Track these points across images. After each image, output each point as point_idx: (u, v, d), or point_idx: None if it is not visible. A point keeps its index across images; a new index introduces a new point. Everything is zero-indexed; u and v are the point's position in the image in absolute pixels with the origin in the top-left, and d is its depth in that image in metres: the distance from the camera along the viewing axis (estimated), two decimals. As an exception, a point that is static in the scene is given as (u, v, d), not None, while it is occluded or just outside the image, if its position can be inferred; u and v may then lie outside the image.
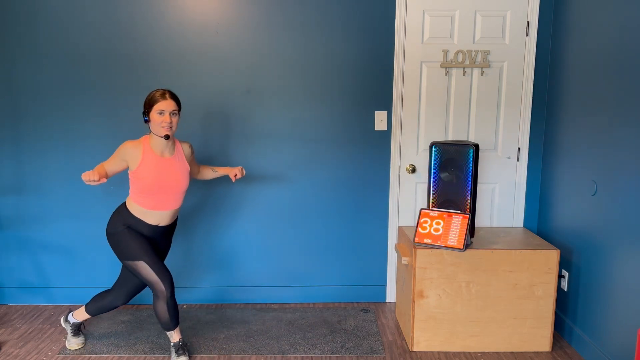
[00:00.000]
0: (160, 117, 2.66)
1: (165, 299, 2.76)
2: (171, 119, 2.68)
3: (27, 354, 3.02)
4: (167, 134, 2.67)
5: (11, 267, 3.64)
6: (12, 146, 3.50)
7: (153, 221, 2.79)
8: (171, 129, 2.69)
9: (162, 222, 2.83)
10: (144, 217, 2.78)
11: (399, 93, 3.46)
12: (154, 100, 2.67)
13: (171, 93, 2.70)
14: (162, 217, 2.81)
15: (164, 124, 2.66)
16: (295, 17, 3.38)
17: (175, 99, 2.71)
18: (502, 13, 3.39)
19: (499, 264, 2.96)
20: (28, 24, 3.36)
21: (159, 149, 2.73)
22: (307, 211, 3.61)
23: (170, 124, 2.67)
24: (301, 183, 3.57)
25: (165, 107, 2.66)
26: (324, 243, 3.65)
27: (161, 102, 2.66)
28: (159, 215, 2.79)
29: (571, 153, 3.13)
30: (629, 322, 2.57)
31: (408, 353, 3.04)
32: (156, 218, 2.79)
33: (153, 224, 2.80)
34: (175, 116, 2.70)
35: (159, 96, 2.67)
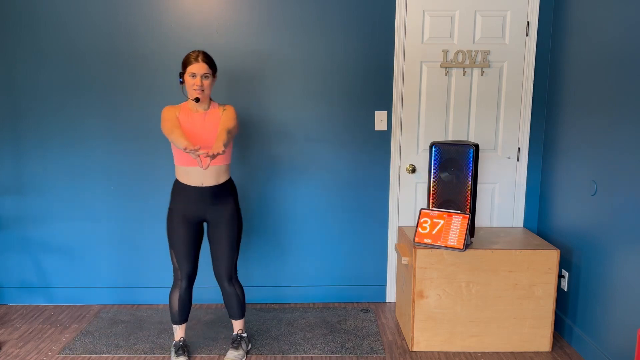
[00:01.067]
0: (192, 80, 2.66)
1: (179, 290, 2.82)
2: (202, 82, 2.66)
3: (27, 354, 3.02)
4: (197, 96, 2.67)
5: (11, 267, 3.64)
6: (12, 146, 3.50)
7: (197, 181, 2.73)
8: (202, 92, 2.67)
9: (206, 182, 2.74)
10: (188, 180, 2.74)
11: (399, 93, 3.46)
12: (187, 62, 2.66)
13: (205, 55, 2.67)
14: (204, 174, 2.73)
15: (195, 86, 2.65)
16: (295, 17, 3.38)
17: (209, 62, 2.68)
18: (502, 13, 3.39)
19: (499, 264, 2.96)
20: (28, 24, 3.36)
21: (194, 107, 2.75)
22: (306, 211, 3.61)
23: (201, 87, 2.66)
24: (301, 183, 3.57)
25: (196, 70, 2.64)
26: (324, 243, 3.65)
27: (193, 64, 2.64)
28: (200, 173, 2.73)
29: (571, 153, 3.13)
30: (629, 322, 2.57)
31: (408, 353, 3.04)
32: (198, 176, 2.73)
33: (197, 185, 2.74)
34: (207, 79, 2.67)
35: (193, 58, 2.65)
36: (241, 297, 2.92)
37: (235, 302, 2.90)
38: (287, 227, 3.63)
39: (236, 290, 2.89)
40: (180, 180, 2.77)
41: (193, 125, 2.71)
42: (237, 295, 2.90)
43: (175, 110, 2.73)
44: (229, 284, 2.86)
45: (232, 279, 2.87)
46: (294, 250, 3.66)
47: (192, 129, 2.70)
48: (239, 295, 2.90)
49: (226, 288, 2.87)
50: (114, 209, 3.57)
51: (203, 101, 2.71)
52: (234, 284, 2.89)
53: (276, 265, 3.67)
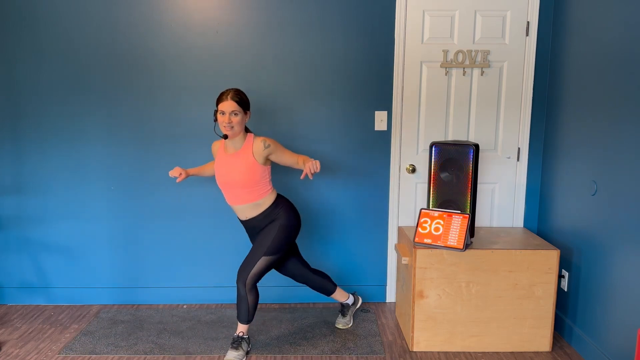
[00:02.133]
0: (222, 117, 2.77)
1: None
2: (230, 119, 2.76)
3: (27, 354, 3.02)
4: (226, 134, 2.79)
5: (11, 267, 3.64)
6: (12, 146, 3.50)
7: (241, 216, 2.97)
8: (232, 129, 2.77)
9: (241, 216, 2.96)
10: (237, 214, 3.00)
11: (399, 93, 3.46)
12: (218, 100, 2.80)
13: (235, 93, 2.79)
14: (242, 210, 2.93)
15: (224, 123, 2.76)
16: (295, 17, 3.38)
17: (238, 99, 2.78)
18: (502, 13, 3.39)
19: (499, 264, 2.96)
20: (28, 24, 3.36)
21: (229, 146, 2.88)
22: (306, 211, 3.61)
23: (230, 124, 2.76)
24: (300, 183, 3.57)
25: (225, 108, 2.76)
26: (324, 243, 3.65)
27: (223, 102, 2.77)
28: (238, 209, 2.94)
29: (571, 153, 3.13)
30: (629, 322, 2.57)
31: (408, 353, 3.04)
32: (239, 212, 2.95)
33: (243, 219, 2.98)
34: (236, 116, 2.77)
35: (223, 96, 2.79)
36: (250, 305, 2.92)
37: (244, 307, 2.92)
38: (287, 227, 3.62)
39: (247, 295, 2.90)
40: None
41: (222, 165, 2.87)
42: (246, 301, 2.90)
43: (215, 149, 3.03)
44: (242, 287, 2.88)
45: (245, 282, 2.87)
46: (294, 250, 3.66)
47: (221, 170, 2.88)
48: (248, 302, 2.91)
49: (239, 289, 2.89)
50: (114, 209, 3.57)
51: (232, 137, 2.82)
52: (247, 288, 2.88)
53: (276, 265, 3.67)
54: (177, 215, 3.59)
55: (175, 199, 3.57)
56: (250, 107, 2.89)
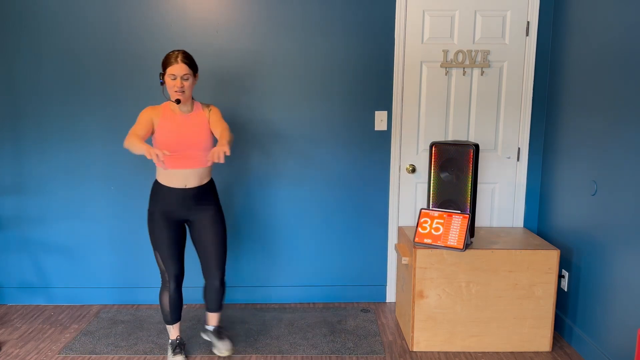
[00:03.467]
0: (172, 82, 2.61)
1: (169, 291, 2.80)
2: (182, 84, 2.61)
3: (27, 354, 3.02)
4: (178, 98, 2.62)
5: (11, 267, 3.64)
6: (12, 146, 3.50)
7: (180, 183, 2.72)
8: (183, 93, 2.63)
9: (189, 183, 2.73)
10: (170, 182, 2.72)
11: (399, 93, 3.46)
12: (167, 63, 2.61)
13: (184, 55, 2.61)
14: (187, 176, 2.71)
15: (175, 88, 2.61)
16: (295, 16, 3.38)
17: (189, 62, 2.62)
18: (502, 13, 3.39)
19: (499, 264, 2.96)
20: (28, 24, 3.36)
21: (176, 108, 2.71)
22: (306, 211, 3.61)
23: (181, 88, 2.61)
24: (301, 182, 3.57)
25: (176, 72, 2.59)
26: (324, 243, 3.65)
27: (173, 65, 2.59)
28: (183, 175, 2.71)
29: (571, 153, 3.13)
30: (629, 322, 2.57)
31: (408, 353, 3.04)
32: (182, 178, 2.71)
33: (180, 187, 2.73)
34: (187, 80, 2.62)
35: (172, 59, 2.60)
36: (224, 291, 2.92)
37: (220, 296, 2.88)
38: (288, 227, 3.63)
39: (223, 288, 2.90)
40: (162, 182, 2.74)
41: (177, 127, 2.68)
42: (222, 291, 2.89)
43: (154, 113, 2.68)
44: (220, 282, 2.85)
45: (222, 277, 2.86)
46: (294, 250, 3.66)
47: (176, 131, 2.67)
48: (224, 290, 2.91)
49: (217, 286, 2.84)
50: (114, 209, 3.57)
51: (184, 102, 2.68)
52: (223, 281, 2.88)
53: (276, 266, 3.67)
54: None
55: (175, 199, 3.57)
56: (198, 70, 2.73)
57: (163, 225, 2.74)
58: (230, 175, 3.54)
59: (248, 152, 3.53)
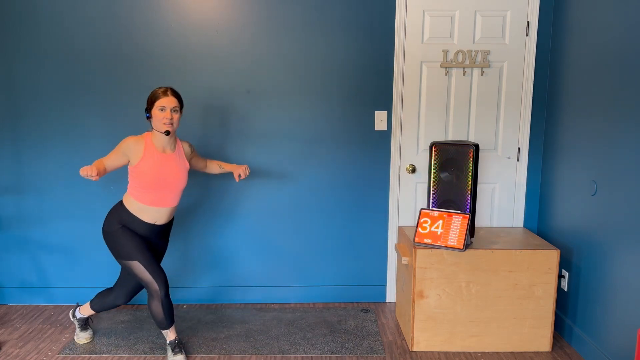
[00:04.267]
0: (162, 114, 2.69)
1: (160, 299, 2.77)
2: (172, 116, 2.71)
3: (27, 354, 3.02)
4: (168, 129, 2.70)
5: (11, 267, 3.64)
6: (12, 146, 3.50)
7: (150, 219, 2.79)
8: (172, 125, 2.72)
9: (159, 221, 2.83)
10: (141, 215, 2.78)
11: (399, 93, 3.46)
12: (155, 97, 2.71)
13: (173, 90, 2.75)
14: (160, 214, 2.81)
15: (165, 120, 2.69)
16: (295, 16, 3.38)
17: (177, 96, 2.75)
18: (502, 13, 3.39)
19: (499, 264, 2.96)
20: (28, 24, 3.36)
21: (161, 145, 2.76)
22: (307, 211, 3.61)
23: (171, 120, 2.70)
24: (301, 183, 3.57)
25: (166, 104, 2.69)
26: (324, 243, 3.65)
27: (162, 98, 2.69)
28: (156, 213, 2.80)
29: (571, 153, 3.13)
30: (629, 322, 2.57)
31: (408, 353, 3.04)
32: (153, 215, 2.80)
33: (150, 222, 2.80)
34: (176, 113, 2.73)
35: (161, 93, 2.71)
36: None
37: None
38: (288, 227, 3.63)
39: None
40: (131, 211, 2.78)
41: (158, 166, 2.73)
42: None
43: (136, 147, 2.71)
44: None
45: None
46: (294, 250, 3.66)
47: (157, 170, 2.73)
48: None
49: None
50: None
51: (171, 135, 2.76)
52: None
53: (276, 266, 3.67)
54: (176, 215, 3.58)
55: (175, 199, 3.57)
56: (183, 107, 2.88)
57: (132, 235, 2.78)
58: (228, 174, 3.54)
59: (247, 151, 3.53)
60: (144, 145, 2.72)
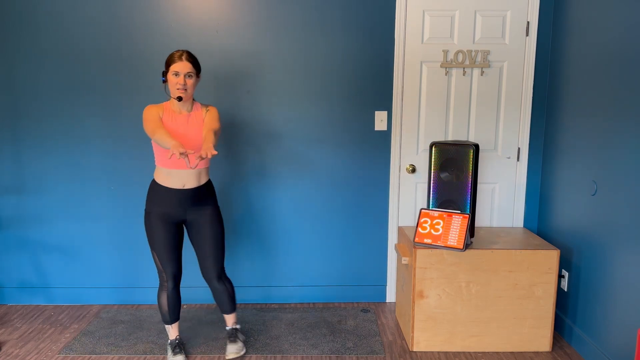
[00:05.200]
0: (175, 79, 2.63)
1: (167, 291, 2.81)
2: (185, 81, 2.63)
3: (27, 354, 3.02)
4: (180, 95, 2.63)
5: (11, 267, 3.64)
6: (12, 146, 3.50)
7: (178, 183, 2.72)
8: (185, 91, 2.65)
9: (188, 184, 2.73)
10: (169, 182, 2.72)
11: (399, 93, 3.46)
12: (170, 61, 2.64)
13: (189, 54, 2.65)
14: (186, 176, 2.72)
15: (178, 85, 2.62)
16: (295, 16, 3.38)
17: (193, 61, 2.66)
18: (502, 13, 3.39)
19: (499, 264, 2.96)
20: (28, 24, 3.36)
21: (177, 108, 2.72)
22: (306, 211, 3.61)
23: (184, 86, 2.63)
24: (301, 183, 3.57)
25: (180, 69, 2.62)
26: (324, 243, 3.65)
27: (177, 63, 2.62)
28: (182, 175, 2.71)
29: (571, 153, 3.13)
30: (629, 322, 2.57)
31: (408, 353, 3.04)
32: (180, 179, 2.72)
33: (179, 187, 2.73)
34: (190, 78, 2.65)
35: (176, 57, 2.63)
36: (231, 292, 2.93)
37: (227, 298, 2.91)
38: (288, 227, 3.63)
39: (226, 286, 2.90)
40: (160, 182, 2.74)
41: (176, 126, 2.68)
42: (227, 291, 2.90)
43: (158, 110, 2.69)
44: (218, 282, 2.87)
45: (221, 277, 2.88)
46: (294, 250, 3.66)
47: (176, 130, 2.68)
48: (229, 290, 2.91)
49: (216, 286, 2.87)
50: (114, 209, 3.57)
51: (186, 100, 2.69)
52: (224, 280, 2.90)
53: (276, 265, 3.67)
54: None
55: (175, 199, 3.57)
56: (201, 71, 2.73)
57: (160, 226, 2.75)
58: (229, 175, 3.54)
59: (247, 151, 3.53)
60: (163, 109, 2.70)
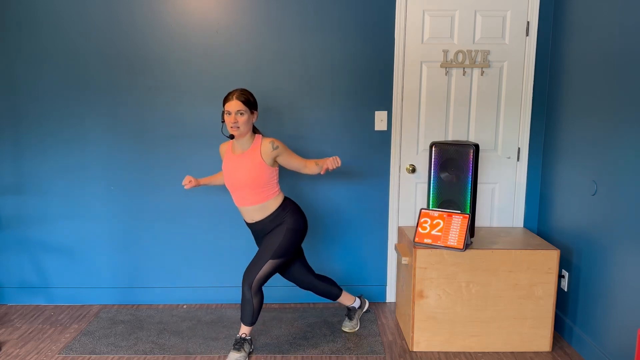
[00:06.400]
0: (228, 118, 2.79)
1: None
2: (236, 119, 2.76)
3: (27, 354, 3.02)
4: (233, 133, 2.79)
5: (11, 267, 3.64)
6: (12, 146, 3.51)
7: (248, 218, 2.96)
8: (238, 129, 2.77)
9: (247, 219, 2.96)
10: (243, 216, 2.99)
11: (399, 93, 3.46)
12: (225, 101, 2.82)
13: (240, 93, 2.79)
14: (249, 212, 2.91)
15: (230, 123, 2.77)
16: (295, 16, 3.38)
17: (243, 98, 2.79)
18: (502, 13, 3.39)
19: (499, 264, 2.96)
20: (28, 24, 3.36)
21: (236, 147, 2.89)
22: (306, 211, 3.61)
23: (236, 124, 2.76)
24: (300, 183, 3.57)
25: (231, 108, 2.77)
26: (324, 243, 3.65)
27: (228, 102, 2.78)
28: (246, 211, 2.93)
29: (571, 153, 3.13)
30: (629, 322, 2.57)
31: (408, 353, 3.04)
32: (247, 214, 2.94)
33: (250, 222, 2.97)
34: (242, 115, 2.77)
35: (229, 96, 2.80)
36: (255, 308, 2.90)
37: (248, 310, 2.90)
38: (287, 227, 3.62)
39: (252, 298, 2.88)
40: None
41: (230, 167, 2.87)
42: (251, 304, 2.88)
43: (222, 150, 3.02)
44: (247, 290, 2.87)
45: (251, 285, 2.86)
46: (294, 250, 3.65)
47: (231, 170, 2.86)
48: (253, 305, 2.89)
49: (244, 292, 2.88)
50: (114, 209, 3.57)
51: (240, 137, 2.82)
52: (252, 292, 2.87)
53: (276, 265, 3.67)
54: (177, 215, 3.59)
55: (175, 199, 3.57)
56: (257, 108, 2.87)
57: None
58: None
59: (248, 152, 3.53)
60: (227, 149, 2.96)
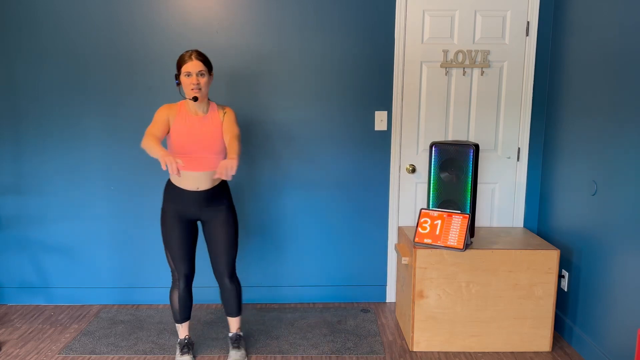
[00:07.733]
0: (188, 79, 2.61)
1: (178, 290, 2.83)
2: (198, 80, 2.61)
3: (27, 354, 3.02)
4: (196, 95, 2.61)
5: (11, 267, 3.64)
6: (12, 146, 3.50)
7: (192, 186, 2.71)
8: (200, 91, 2.62)
9: (202, 186, 2.72)
10: (183, 183, 2.71)
11: (399, 93, 3.46)
12: (181, 62, 2.63)
13: (198, 53, 2.63)
14: (200, 179, 2.70)
15: (192, 85, 2.60)
16: (295, 17, 3.38)
17: (203, 59, 2.64)
18: (502, 13, 3.39)
19: (499, 264, 2.96)
20: (28, 24, 3.36)
21: (193, 109, 2.70)
22: (306, 211, 3.61)
23: (198, 85, 2.61)
24: (300, 183, 3.57)
25: (191, 69, 2.60)
26: (324, 243, 3.65)
27: (188, 63, 2.60)
28: (196, 177, 2.70)
29: (571, 153, 3.13)
30: (629, 322, 2.57)
31: (408, 353, 3.04)
32: (194, 181, 2.70)
33: (192, 189, 2.72)
34: (203, 77, 2.63)
35: (187, 57, 2.61)
36: (239, 293, 2.92)
37: (234, 299, 2.90)
38: (287, 227, 3.63)
39: (235, 286, 2.90)
40: (175, 183, 2.74)
41: (191, 128, 2.67)
42: (236, 291, 2.90)
43: (171, 112, 2.67)
44: (230, 281, 2.87)
45: (232, 276, 2.87)
46: (294, 250, 3.66)
47: (190, 133, 2.66)
48: (237, 291, 2.91)
49: (227, 285, 2.87)
50: (114, 209, 3.57)
51: (201, 100, 2.67)
52: (234, 280, 2.89)
53: (276, 266, 3.67)
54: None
55: (175, 199, 3.57)
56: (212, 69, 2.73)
57: (174, 224, 2.76)
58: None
59: (247, 152, 3.53)
60: (177, 110, 2.69)
